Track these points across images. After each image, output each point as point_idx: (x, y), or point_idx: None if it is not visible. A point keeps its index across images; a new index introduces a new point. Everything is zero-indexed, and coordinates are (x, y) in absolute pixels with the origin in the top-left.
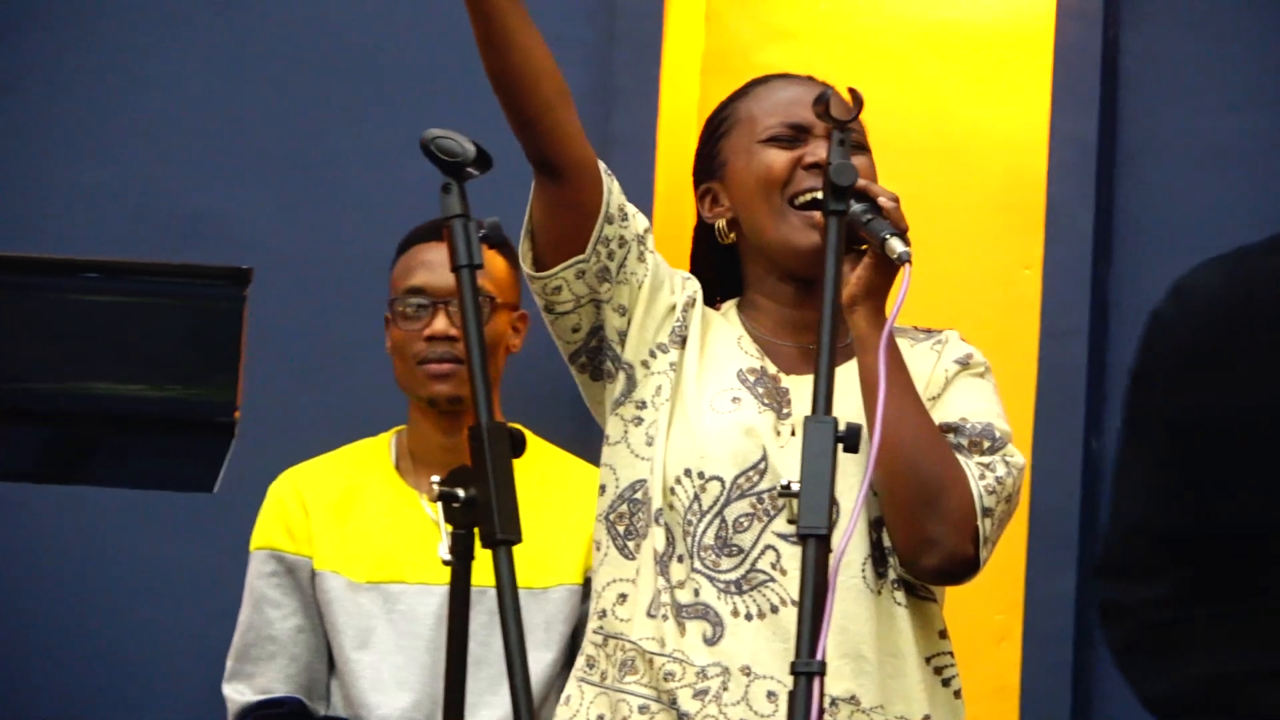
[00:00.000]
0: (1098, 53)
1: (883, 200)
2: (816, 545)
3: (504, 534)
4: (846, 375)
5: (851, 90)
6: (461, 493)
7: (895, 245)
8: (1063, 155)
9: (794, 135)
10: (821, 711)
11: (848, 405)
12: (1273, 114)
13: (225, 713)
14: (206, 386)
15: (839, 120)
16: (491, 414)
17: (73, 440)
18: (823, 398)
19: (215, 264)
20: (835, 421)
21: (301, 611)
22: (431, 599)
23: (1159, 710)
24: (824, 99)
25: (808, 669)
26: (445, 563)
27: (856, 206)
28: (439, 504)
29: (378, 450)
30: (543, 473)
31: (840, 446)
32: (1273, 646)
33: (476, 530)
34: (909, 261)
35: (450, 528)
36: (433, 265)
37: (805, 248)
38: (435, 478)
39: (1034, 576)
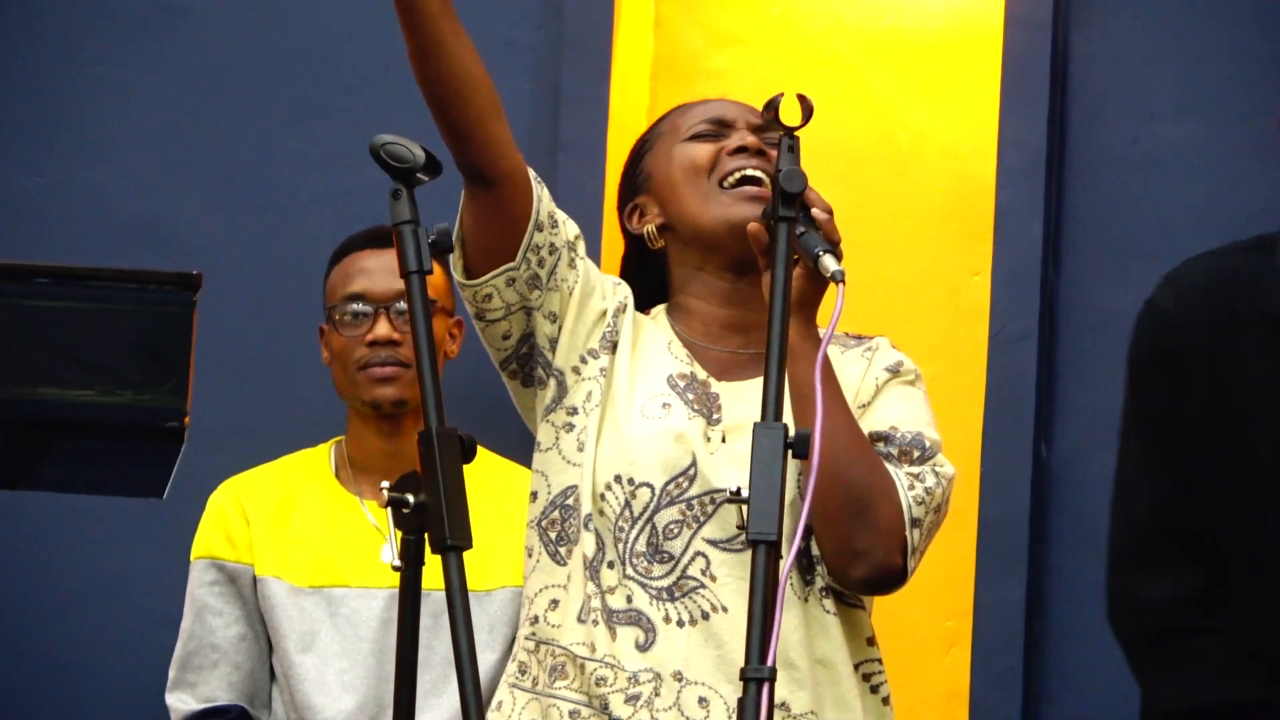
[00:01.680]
0: (1046, 60)
1: (816, 212)
2: (766, 551)
3: (454, 539)
4: None
5: (801, 96)
6: (411, 498)
7: (828, 263)
8: (1011, 162)
9: (716, 131)
10: (771, 717)
11: None
12: (1221, 121)
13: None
14: (156, 392)
15: (787, 126)
16: (442, 419)
17: (22, 445)
18: (772, 403)
19: (165, 269)
20: (785, 428)
21: (243, 619)
22: (374, 602)
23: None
24: (774, 104)
25: (757, 675)
26: (394, 568)
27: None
28: (388, 509)
29: (317, 460)
30: (485, 477)
31: (790, 453)
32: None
33: (426, 536)
34: (843, 281)
35: (399, 532)
36: (371, 271)
37: (740, 220)
38: (385, 483)
39: (983, 583)
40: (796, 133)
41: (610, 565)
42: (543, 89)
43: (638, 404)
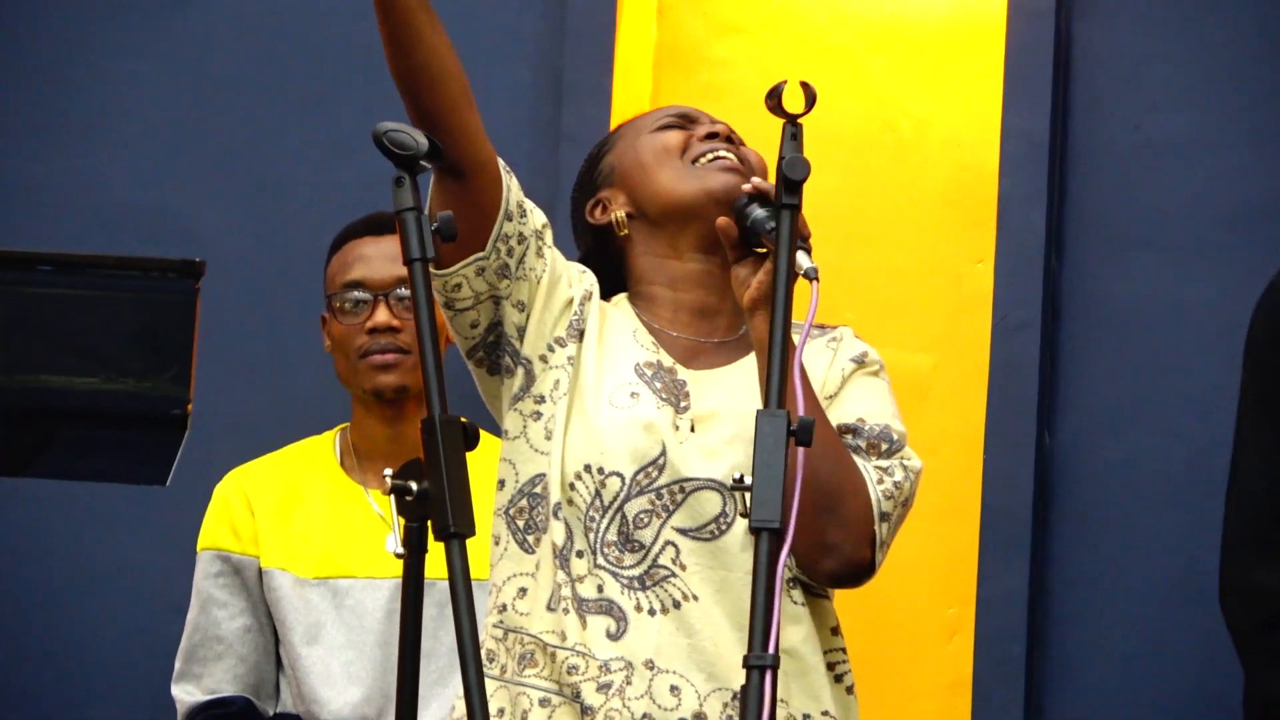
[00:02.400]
0: (1049, 48)
1: None
2: (769, 539)
3: (457, 527)
4: (742, 369)
5: (804, 84)
6: (414, 486)
7: (802, 261)
8: (1014, 150)
9: (681, 123)
10: (775, 704)
11: (742, 397)
12: (1223, 109)
13: (174, 712)
14: (159, 379)
15: (791, 114)
16: (445, 406)
17: (24, 434)
18: (776, 391)
19: (167, 257)
20: (788, 415)
21: (249, 611)
22: (379, 593)
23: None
24: (777, 92)
25: (760, 662)
26: (397, 555)
27: (760, 211)
28: (390, 497)
29: (321, 448)
30: (490, 464)
31: (793, 440)
32: None
33: (429, 523)
34: (816, 278)
35: (402, 521)
36: (370, 259)
37: (719, 187)
38: (388, 471)
39: (986, 571)
40: (799, 120)
41: (579, 554)
42: (545, 78)
43: (606, 393)
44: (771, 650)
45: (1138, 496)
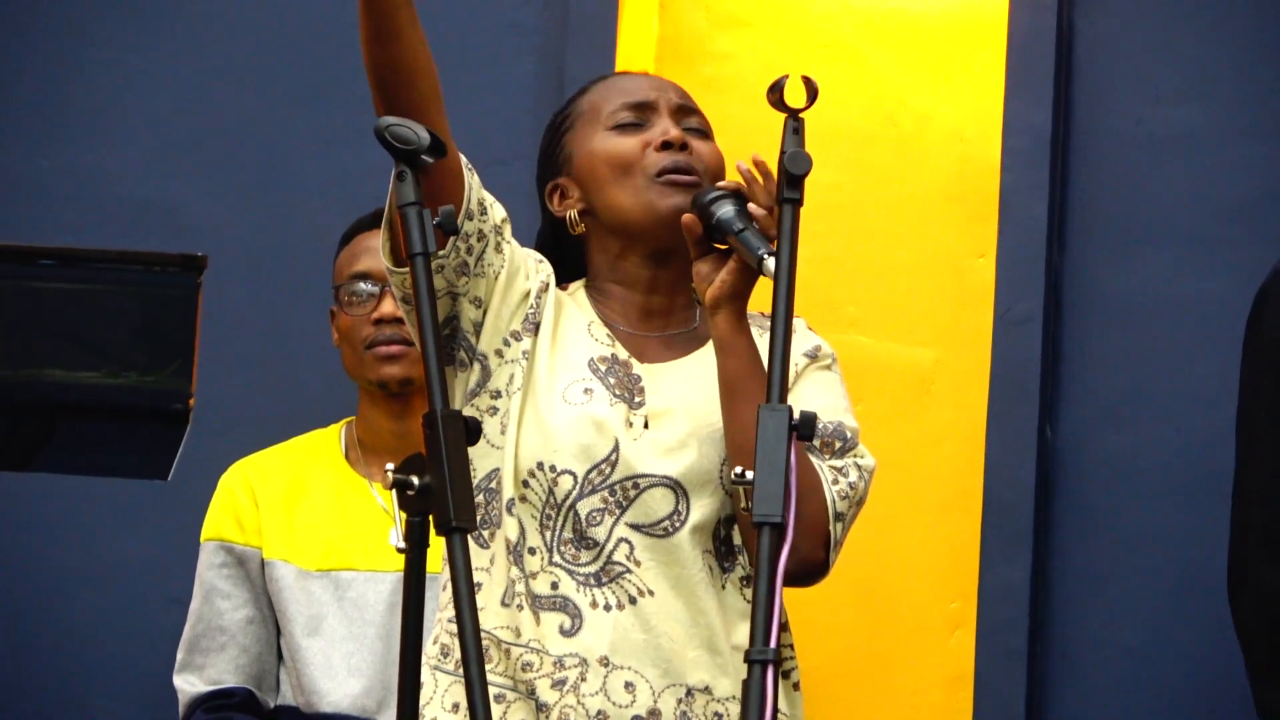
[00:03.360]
0: (1051, 41)
1: (753, 208)
2: (771, 534)
3: (458, 521)
4: (697, 363)
5: (805, 79)
6: (416, 480)
7: (771, 266)
8: (1016, 144)
9: (638, 119)
10: (776, 698)
11: (698, 393)
12: (1225, 102)
13: (176, 704)
14: (161, 374)
15: (792, 108)
16: (446, 401)
17: (27, 428)
18: (777, 386)
19: (169, 252)
20: (790, 410)
21: (252, 603)
22: (382, 586)
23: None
24: (778, 86)
25: (762, 656)
26: (399, 550)
27: (728, 208)
28: (391, 491)
29: (327, 441)
30: None
31: (794, 435)
32: None
33: (431, 517)
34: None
35: (404, 514)
36: (377, 251)
37: (666, 212)
38: (389, 465)
39: (988, 565)
40: (801, 115)
41: (532, 551)
42: (547, 72)
43: (559, 389)
44: (773, 645)
45: (1140, 490)
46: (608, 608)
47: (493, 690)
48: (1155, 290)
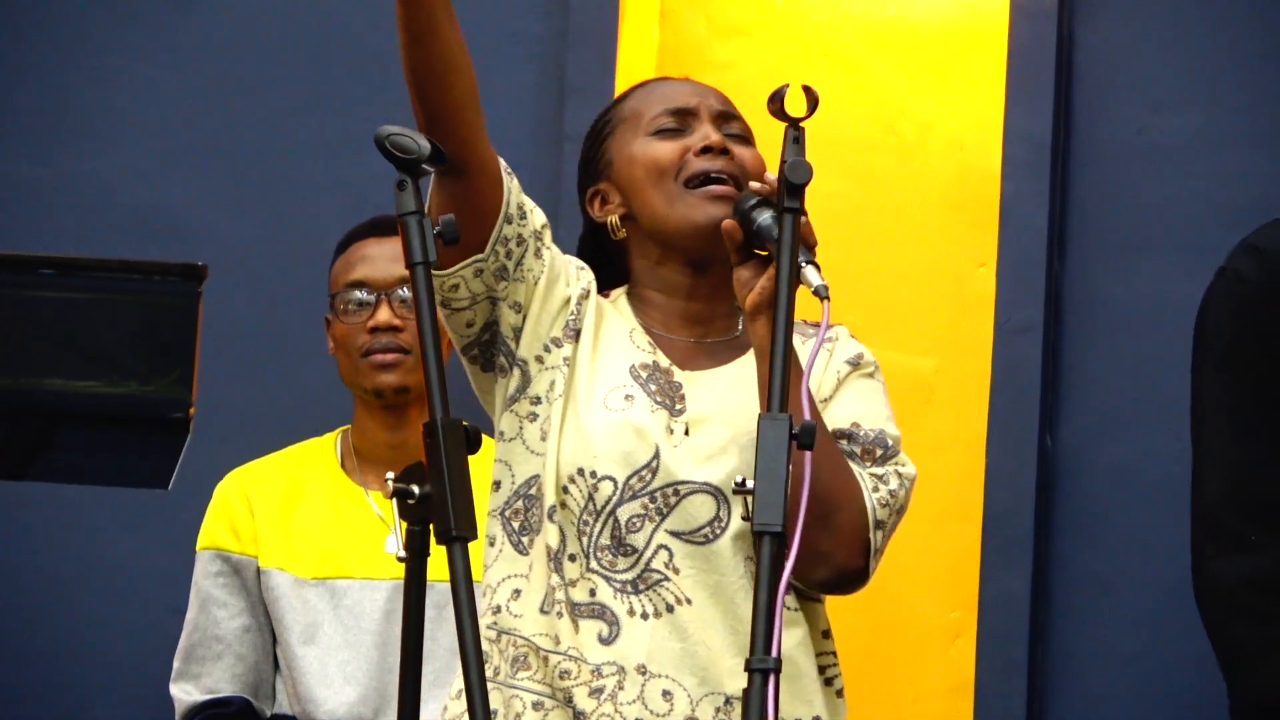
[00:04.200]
0: (1051, 50)
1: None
2: (771, 542)
3: (459, 530)
4: (738, 371)
5: (806, 88)
6: (416, 489)
7: (812, 277)
8: (1016, 152)
9: (678, 125)
10: (777, 707)
11: (738, 401)
12: (1225, 110)
13: (174, 712)
14: (161, 382)
15: (793, 117)
16: (446, 410)
17: (26, 436)
18: (778, 394)
19: (169, 260)
20: (790, 419)
21: (248, 611)
22: (378, 594)
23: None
24: (778, 95)
25: (763, 666)
26: (399, 559)
27: (768, 215)
28: (392, 500)
29: (323, 449)
30: (489, 468)
31: (795, 444)
32: None
33: (431, 526)
34: (827, 297)
35: (404, 523)
36: (373, 259)
37: (704, 223)
38: (390, 474)
39: (988, 574)
40: (802, 124)
41: (572, 558)
42: (548, 80)
43: (599, 395)
44: (774, 654)
45: (1140, 498)
46: (645, 616)
47: (530, 698)
48: (1156, 298)
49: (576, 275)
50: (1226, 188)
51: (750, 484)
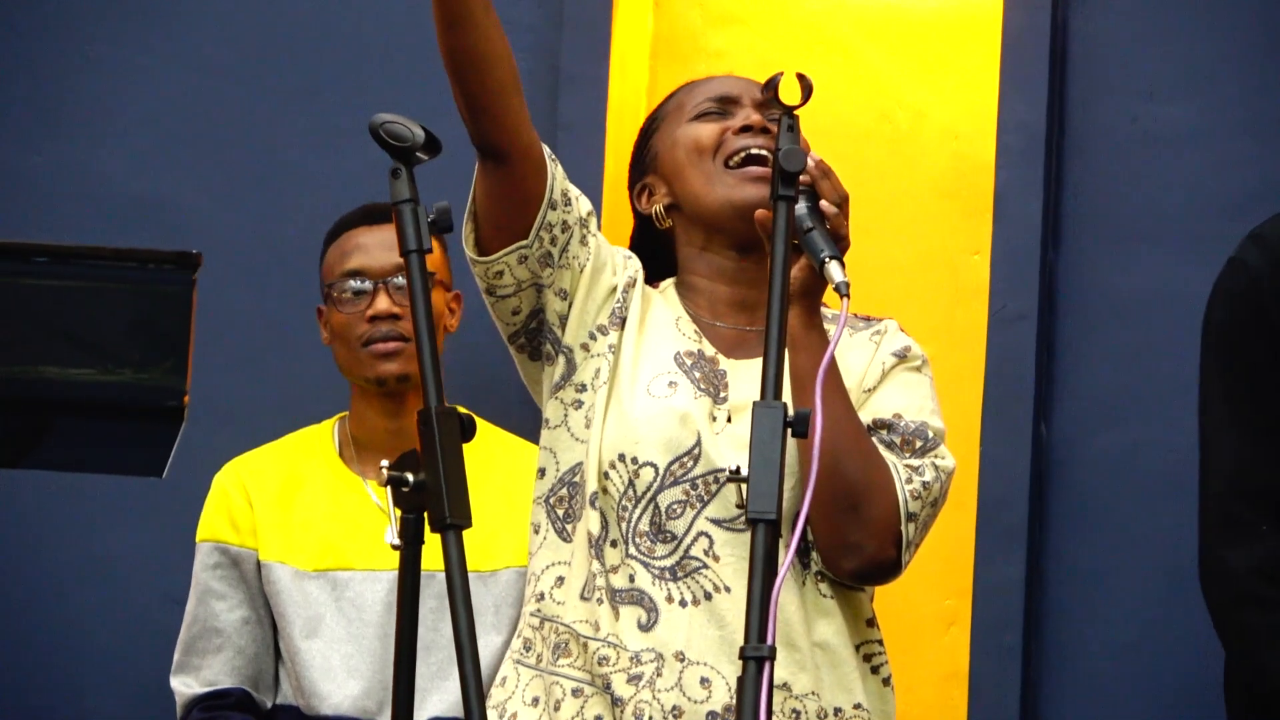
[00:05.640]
0: (1045, 38)
1: (825, 205)
2: (765, 530)
3: (453, 518)
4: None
5: (800, 76)
6: (411, 477)
7: (834, 273)
8: (1011, 141)
9: (721, 109)
10: (770, 696)
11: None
12: (1220, 99)
13: (173, 699)
14: (155, 371)
15: (787, 106)
16: (442, 398)
17: (21, 425)
18: (772, 382)
19: (164, 249)
20: (785, 406)
21: (247, 603)
22: (379, 585)
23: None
24: (773, 83)
25: (757, 654)
26: (394, 547)
27: (800, 205)
28: (386, 489)
29: (320, 437)
30: (489, 455)
31: (789, 432)
32: None
33: (426, 514)
34: (847, 294)
35: (399, 512)
36: (368, 248)
37: (744, 202)
38: (385, 462)
39: (983, 562)
40: (796, 112)
41: (613, 544)
42: (542, 68)
43: (643, 382)
44: (770, 642)
45: (1135, 487)
46: (683, 603)
47: (570, 684)
48: (1150, 287)
49: (624, 264)
50: (1221, 176)
51: (745, 471)
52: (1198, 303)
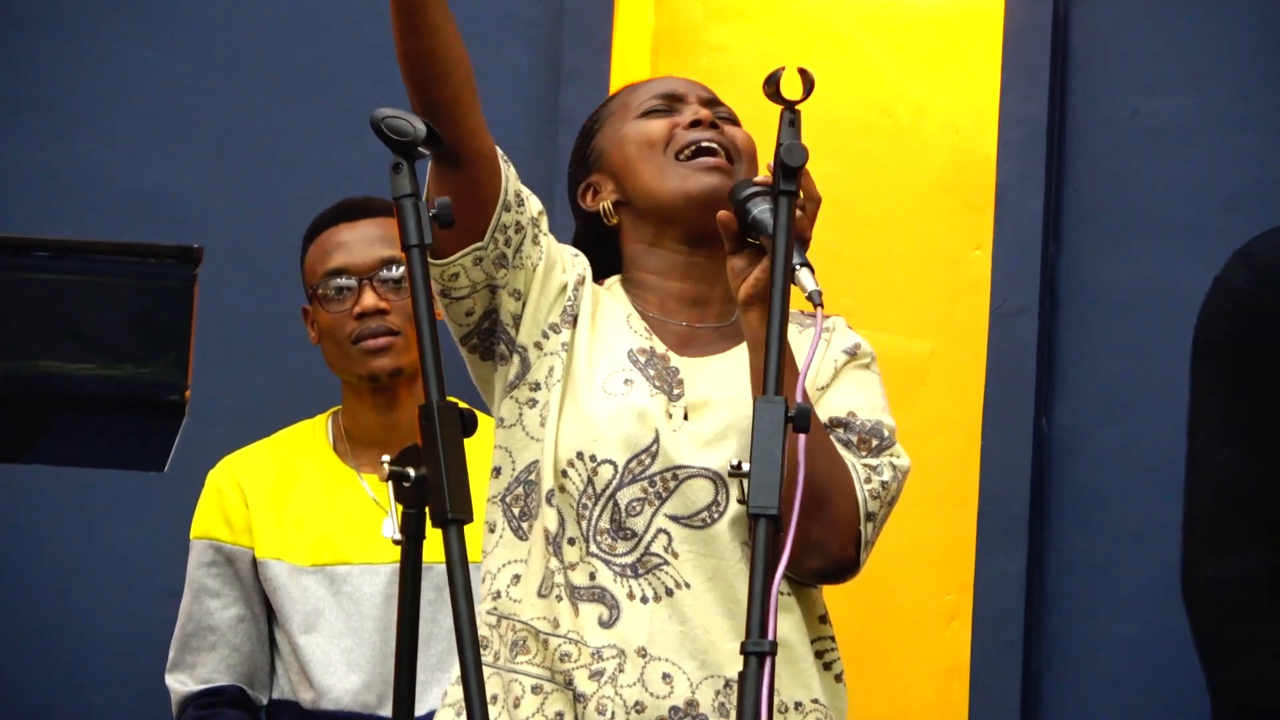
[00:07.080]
0: (1047, 32)
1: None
2: (767, 525)
3: (455, 513)
4: (736, 357)
5: (802, 70)
6: (412, 472)
7: (806, 282)
8: (1012, 135)
9: (668, 106)
10: (772, 691)
11: (736, 386)
12: (1221, 93)
13: (169, 696)
14: (156, 365)
15: (788, 100)
16: (442, 393)
17: (21, 419)
18: (773, 377)
19: (165, 243)
20: (785, 401)
21: (241, 600)
22: (377, 579)
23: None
24: (775, 78)
25: (758, 649)
26: (395, 542)
27: (764, 207)
28: (388, 483)
29: (314, 433)
30: (489, 449)
31: (791, 426)
32: None
33: (427, 509)
34: (820, 304)
35: (400, 507)
36: (349, 245)
37: (697, 192)
38: (386, 457)
39: (984, 557)
40: (797, 107)
41: (571, 541)
42: (543, 63)
43: (599, 379)
44: (771, 637)
45: (1135, 482)
46: (644, 599)
47: (529, 681)
48: (1151, 282)
49: (572, 261)
50: (1222, 170)
51: (746, 466)
52: (1199, 297)
